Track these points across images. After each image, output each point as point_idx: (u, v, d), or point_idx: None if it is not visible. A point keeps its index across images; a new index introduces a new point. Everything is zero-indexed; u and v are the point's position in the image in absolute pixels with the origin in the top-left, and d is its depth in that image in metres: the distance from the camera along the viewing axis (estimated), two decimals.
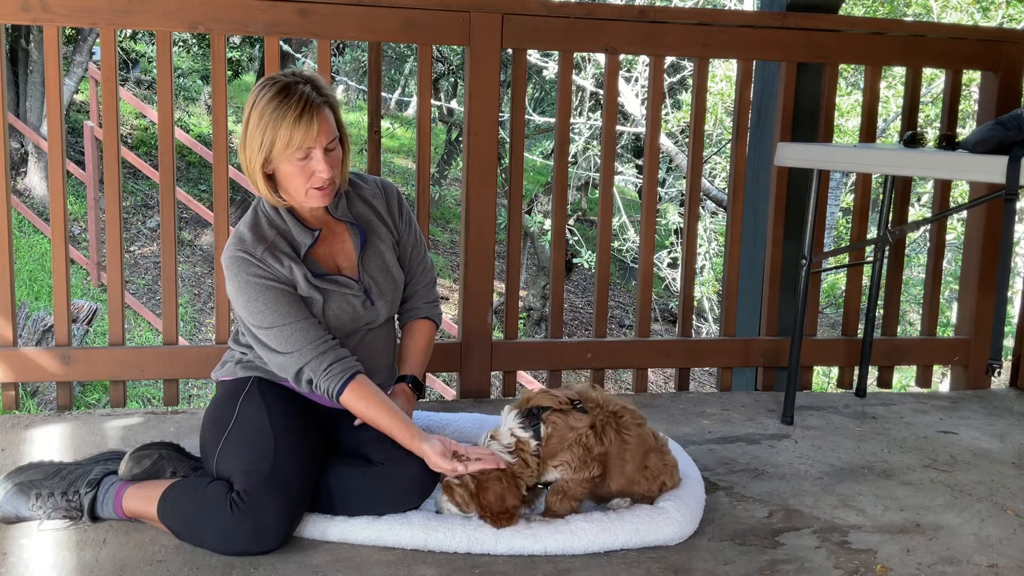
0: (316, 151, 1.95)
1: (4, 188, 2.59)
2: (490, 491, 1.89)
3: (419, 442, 1.95)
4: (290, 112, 1.91)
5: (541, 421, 1.93)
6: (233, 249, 2.01)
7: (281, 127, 1.91)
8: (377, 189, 2.22)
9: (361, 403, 1.99)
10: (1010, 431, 2.81)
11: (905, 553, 1.98)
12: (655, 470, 2.03)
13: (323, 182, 1.98)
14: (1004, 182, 2.22)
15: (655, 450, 2.05)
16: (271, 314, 1.98)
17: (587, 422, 1.94)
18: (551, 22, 2.81)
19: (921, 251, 8.72)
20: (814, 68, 3.09)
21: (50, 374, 2.69)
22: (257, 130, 1.94)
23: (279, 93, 1.93)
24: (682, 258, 3.12)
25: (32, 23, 2.59)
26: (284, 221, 2.06)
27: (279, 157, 1.95)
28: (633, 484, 2.01)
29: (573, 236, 9.45)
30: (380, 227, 2.18)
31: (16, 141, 8.66)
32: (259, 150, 1.94)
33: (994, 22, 8.34)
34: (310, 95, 1.93)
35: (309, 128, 1.92)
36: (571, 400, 1.97)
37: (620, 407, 2.02)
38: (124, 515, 1.96)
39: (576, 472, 1.93)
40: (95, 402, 5.74)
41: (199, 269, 8.74)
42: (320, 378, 1.98)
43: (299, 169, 1.96)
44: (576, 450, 1.92)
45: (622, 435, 1.98)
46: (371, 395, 2.00)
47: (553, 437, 1.92)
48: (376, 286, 2.13)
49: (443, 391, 6.02)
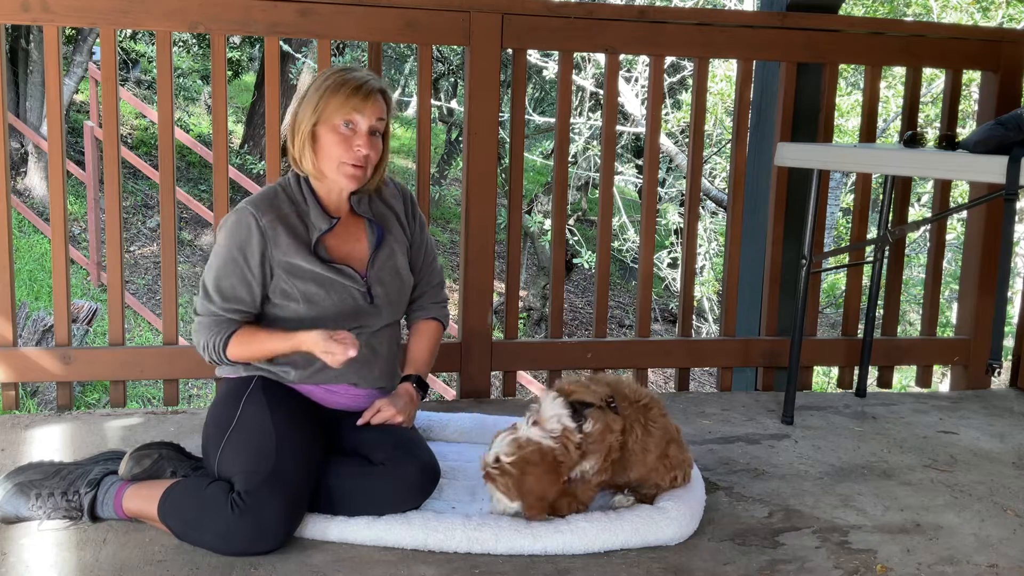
0: (362, 125, 2.04)
1: (4, 188, 2.59)
2: (530, 476, 1.87)
3: (302, 337, 1.98)
4: (351, 82, 2.04)
5: (585, 417, 1.92)
6: (244, 204, 2.08)
7: (340, 92, 2.04)
8: (396, 191, 2.27)
9: (244, 345, 2.03)
10: (1010, 431, 2.81)
11: (905, 553, 1.98)
12: (674, 461, 2.04)
13: (359, 159, 2.05)
14: (1004, 182, 2.22)
15: (675, 441, 2.06)
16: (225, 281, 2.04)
17: (621, 426, 1.95)
18: (551, 22, 2.81)
19: (921, 251, 8.72)
20: (814, 68, 3.09)
21: (50, 374, 2.69)
22: (315, 94, 2.06)
23: (344, 70, 2.08)
24: (682, 258, 3.12)
25: (32, 23, 2.59)
26: (306, 201, 2.11)
27: (327, 120, 2.04)
28: (652, 472, 2.02)
29: (573, 236, 9.44)
30: (397, 229, 2.22)
31: (16, 141, 8.66)
32: (312, 112, 2.05)
33: (994, 22, 8.34)
34: (370, 78, 2.08)
35: (365, 100, 2.04)
36: (607, 401, 1.97)
37: (649, 399, 2.03)
38: (124, 515, 1.96)
39: (596, 474, 1.94)
40: (95, 402, 5.74)
41: (199, 269, 8.74)
42: (211, 340, 2.03)
43: (341, 138, 2.04)
44: (603, 452, 1.93)
45: (648, 427, 1.99)
46: (248, 331, 2.04)
47: (594, 435, 1.92)
48: (382, 286, 2.14)
49: (443, 391, 6.02)
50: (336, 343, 1.93)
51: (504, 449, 1.90)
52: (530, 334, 9.68)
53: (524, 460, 1.88)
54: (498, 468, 1.90)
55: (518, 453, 1.89)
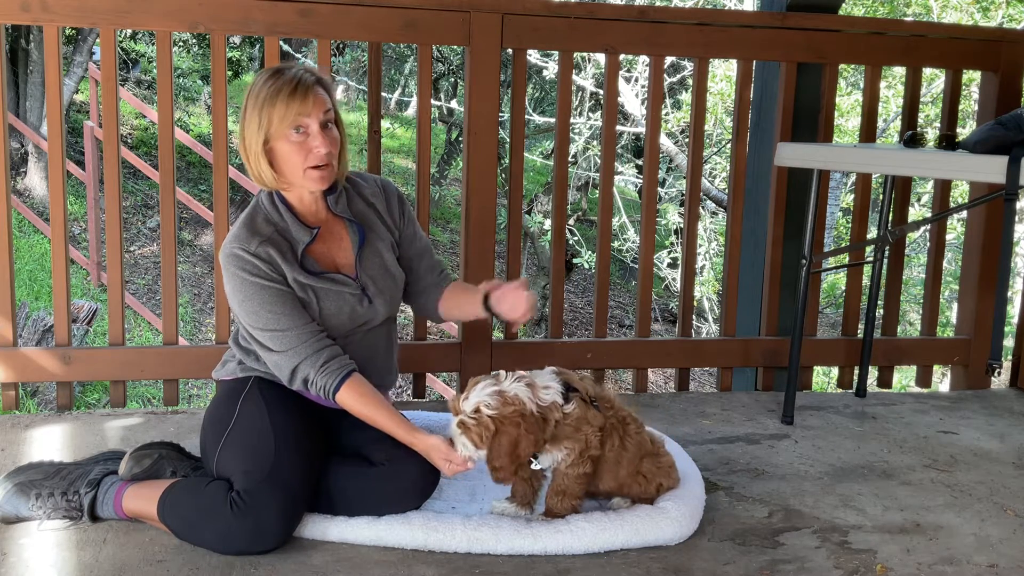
0: (312, 125, 1.98)
1: (4, 188, 2.59)
2: (506, 434, 1.83)
3: (423, 436, 1.95)
4: (285, 87, 1.96)
5: (569, 399, 1.91)
6: (229, 246, 2.01)
7: (277, 102, 1.95)
8: (377, 188, 2.22)
9: (359, 401, 1.99)
10: (1010, 431, 2.81)
11: (905, 553, 1.98)
12: (648, 474, 2.03)
13: (321, 158, 1.99)
14: (1004, 182, 2.22)
15: (650, 455, 2.05)
16: (266, 314, 1.98)
17: (599, 423, 1.94)
18: (551, 22, 2.81)
19: (921, 251, 8.72)
20: (814, 68, 3.09)
21: (50, 374, 2.69)
22: (254, 111, 1.97)
23: (273, 75, 1.99)
24: (682, 258, 3.12)
25: (32, 23, 2.59)
26: (283, 218, 2.06)
27: (277, 134, 1.97)
28: (624, 488, 2.03)
29: (573, 236, 9.44)
30: (379, 226, 2.18)
31: (16, 141, 8.66)
32: (258, 130, 1.97)
33: (994, 22, 8.34)
34: (302, 74, 1.99)
35: (304, 101, 1.96)
36: (591, 397, 1.97)
37: (627, 414, 2.02)
38: (124, 515, 1.96)
39: (571, 466, 1.92)
40: (95, 402, 5.74)
41: (199, 269, 8.74)
42: (316, 375, 1.98)
43: (297, 146, 1.98)
44: (580, 444, 1.91)
45: (624, 442, 1.98)
46: (368, 393, 2.00)
47: (571, 421, 1.90)
48: (374, 284, 2.13)
49: (443, 391, 6.02)
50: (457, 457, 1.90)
51: (486, 400, 1.84)
52: (530, 334, 9.68)
53: (505, 418, 1.83)
54: (476, 419, 1.84)
55: (501, 409, 1.83)
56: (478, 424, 1.84)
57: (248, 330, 2.02)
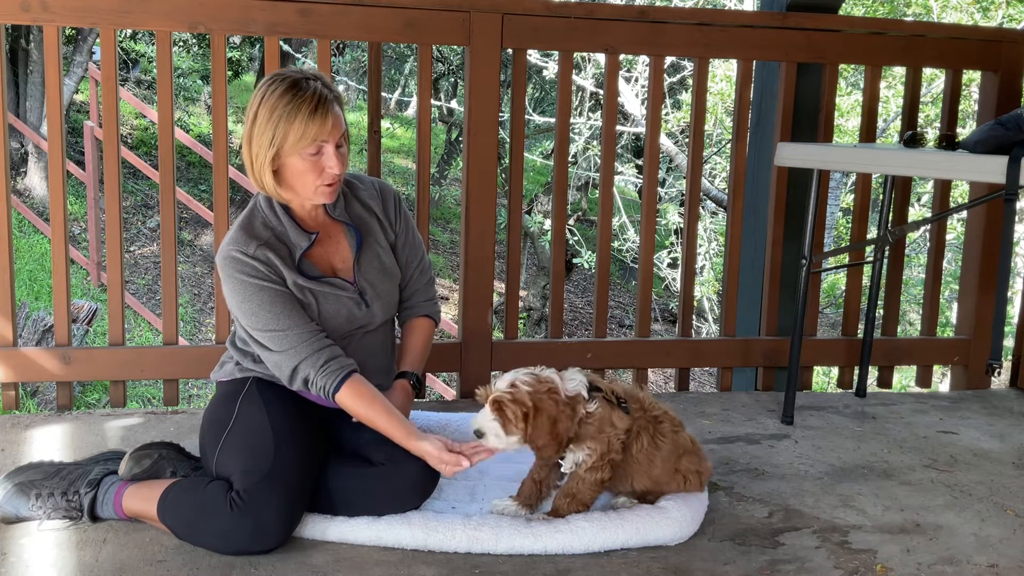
0: (328, 146, 1.96)
1: (4, 188, 2.59)
2: (544, 411, 1.80)
3: (416, 440, 1.95)
4: (304, 106, 1.92)
5: (593, 399, 1.90)
6: (226, 249, 2.01)
7: (295, 121, 1.91)
8: (374, 191, 2.21)
9: (358, 402, 1.98)
10: (1010, 431, 2.81)
11: (905, 553, 1.98)
12: (685, 471, 2.02)
13: (334, 178, 1.98)
14: (1004, 182, 2.22)
15: (691, 452, 2.04)
16: (265, 315, 1.97)
17: (626, 426, 1.92)
18: (551, 22, 2.81)
19: (921, 251, 8.72)
20: (814, 68, 3.09)
21: (50, 374, 2.69)
22: (268, 125, 1.93)
23: (291, 87, 1.93)
24: (682, 258, 3.12)
25: (32, 23, 2.59)
26: (281, 222, 2.05)
27: (290, 152, 1.94)
28: (661, 485, 2.01)
29: (573, 236, 9.44)
30: (377, 229, 2.18)
31: (16, 141, 8.66)
32: (269, 145, 1.94)
33: (994, 22, 8.34)
34: (322, 91, 1.95)
35: (324, 122, 1.93)
36: (618, 397, 1.95)
37: (662, 412, 2.00)
38: (124, 515, 1.96)
39: (590, 470, 1.91)
40: (95, 402, 5.74)
41: (199, 269, 8.74)
42: (316, 375, 1.97)
43: (311, 165, 1.96)
44: (603, 446, 1.90)
45: (656, 440, 1.96)
46: (368, 393, 1.99)
47: (595, 420, 1.89)
48: (372, 288, 2.13)
49: (443, 391, 6.02)
50: (448, 456, 1.90)
51: (522, 378, 1.81)
52: (530, 334, 9.68)
53: (543, 395, 1.79)
54: (511, 393, 1.79)
55: (536, 386, 1.80)
56: (514, 400, 1.80)
57: (247, 331, 2.01)
